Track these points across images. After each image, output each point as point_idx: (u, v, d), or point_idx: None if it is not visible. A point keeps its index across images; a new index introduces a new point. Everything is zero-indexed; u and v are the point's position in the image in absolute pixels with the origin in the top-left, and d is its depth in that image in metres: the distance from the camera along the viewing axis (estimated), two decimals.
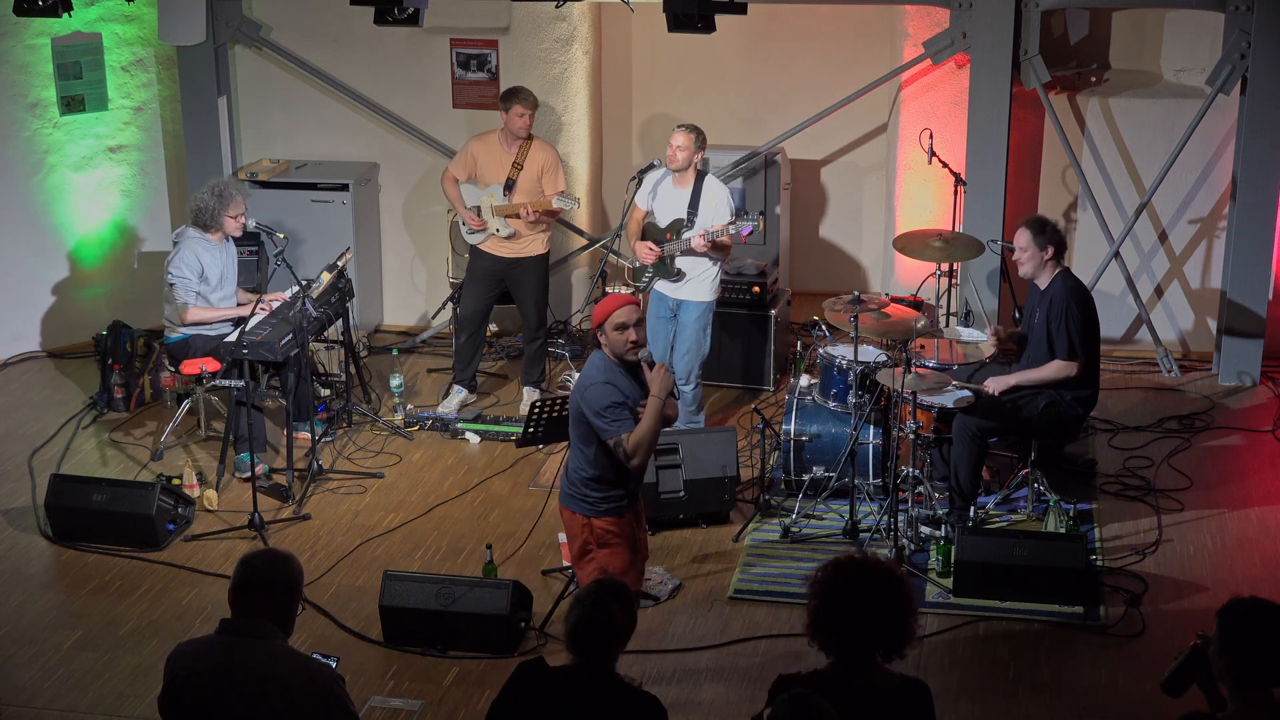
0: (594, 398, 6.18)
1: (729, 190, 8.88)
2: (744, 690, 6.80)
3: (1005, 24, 9.57)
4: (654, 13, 8.67)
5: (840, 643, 4.46)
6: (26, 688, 6.89)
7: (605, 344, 6.27)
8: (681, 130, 8.67)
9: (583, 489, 6.35)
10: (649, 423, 6.21)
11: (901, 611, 4.46)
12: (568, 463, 6.43)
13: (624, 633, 4.71)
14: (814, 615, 4.51)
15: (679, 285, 8.77)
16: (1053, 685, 6.83)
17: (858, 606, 4.43)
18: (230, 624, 4.74)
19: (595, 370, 6.26)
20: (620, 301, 6.24)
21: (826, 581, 4.50)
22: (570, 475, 6.40)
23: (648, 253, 8.75)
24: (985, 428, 7.92)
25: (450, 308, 10.17)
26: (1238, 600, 4.36)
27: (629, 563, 6.41)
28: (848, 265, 11.45)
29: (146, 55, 10.61)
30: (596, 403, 6.17)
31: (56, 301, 10.63)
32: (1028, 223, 8.04)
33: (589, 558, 6.40)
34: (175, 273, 8.84)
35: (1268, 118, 9.49)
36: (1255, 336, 9.82)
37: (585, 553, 6.42)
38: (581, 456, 6.32)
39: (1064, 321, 7.84)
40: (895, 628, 4.45)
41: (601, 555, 6.36)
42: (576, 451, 6.35)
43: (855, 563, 4.52)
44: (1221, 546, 7.97)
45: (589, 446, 6.28)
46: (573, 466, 6.38)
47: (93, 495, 8.10)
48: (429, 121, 10.66)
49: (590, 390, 6.20)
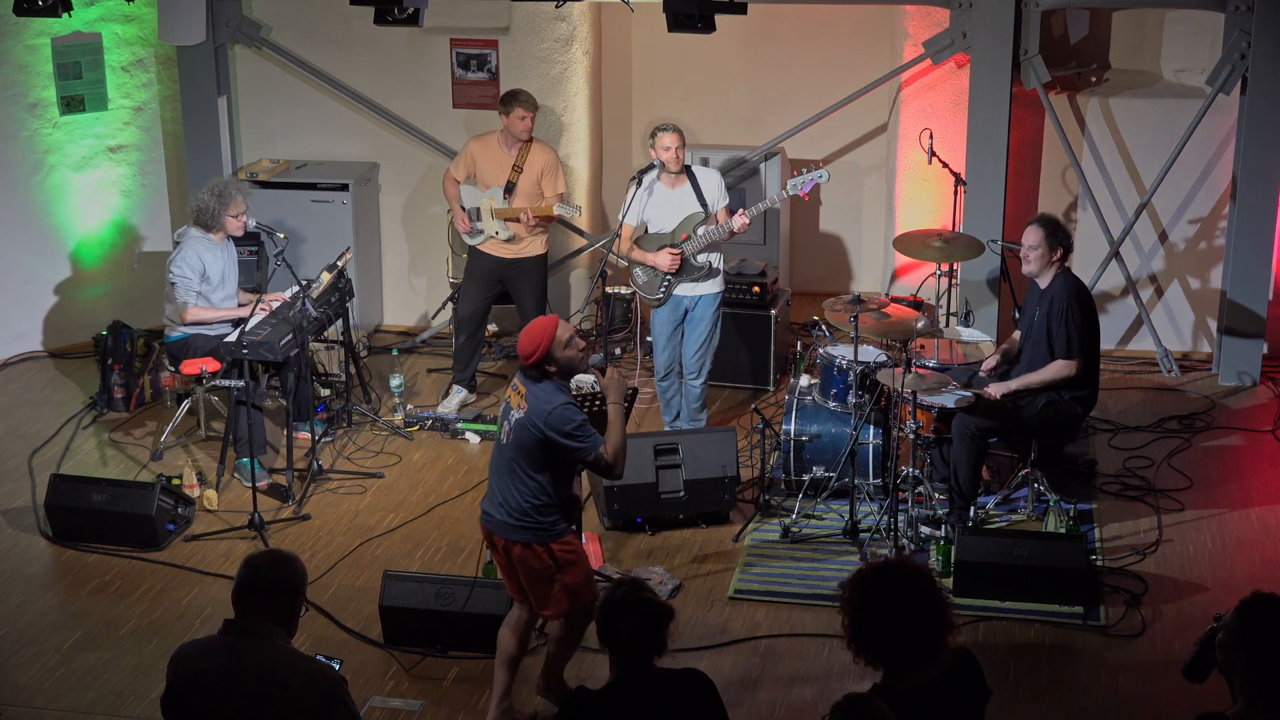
0: (561, 419, 6.04)
1: (718, 172, 8.88)
2: (744, 690, 6.80)
3: (1005, 24, 9.56)
4: (654, 13, 8.67)
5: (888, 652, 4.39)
6: (26, 688, 6.89)
7: (556, 368, 6.12)
8: (669, 131, 8.57)
9: (536, 518, 6.18)
10: (619, 429, 6.18)
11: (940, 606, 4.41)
12: (504, 500, 6.21)
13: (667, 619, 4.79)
14: (854, 630, 4.41)
15: (699, 283, 8.73)
16: (1053, 685, 6.83)
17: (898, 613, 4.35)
18: (232, 625, 4.75)
19: (549, 394, 6.09)
20: (551, 322, 6.14)
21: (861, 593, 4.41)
22: (516, 509, 6.18)
23: (671, 260, 8.63)
24: (985, 427, 7.92)
25: (450, 308, 10.17)
26: (1261, 596, 4.23)
27: (588, 574, 6.39)
28: (848, 265, 11.46)
29: (146, 55, 10.61)
30: (567, 424, 6.05)
31: (56, 301, 10.63)
32: (1041, 221, 8.01)
33: (551, 584, 6.25)
34: (176, 272, 8.84)
35: (1268, 118, 9.49)
36: (1255, 336, 9.82)
37: (544, 579, 6.24)
38: (529, 487, 6.14)
39: (1065, 320, 7.84)
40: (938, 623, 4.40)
41: (565, 577, 6.26)
42: (521, 483, 6.15)
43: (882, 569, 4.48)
44: (1221, 546, 7.97)
45: (541, 474, 6.13)
46: (517, 499, 6.17)
47: (93, 495, 8.10)
48: (429, 121, 10.66)
49: (555, 413, 6.04)
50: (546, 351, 6.09)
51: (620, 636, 4.78)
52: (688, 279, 8.70)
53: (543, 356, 6.10)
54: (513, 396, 6.22)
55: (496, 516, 6.25)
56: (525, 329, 6.19)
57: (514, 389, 6.23)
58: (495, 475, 6.29)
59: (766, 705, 6.67)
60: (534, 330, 6.14)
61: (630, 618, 4.76)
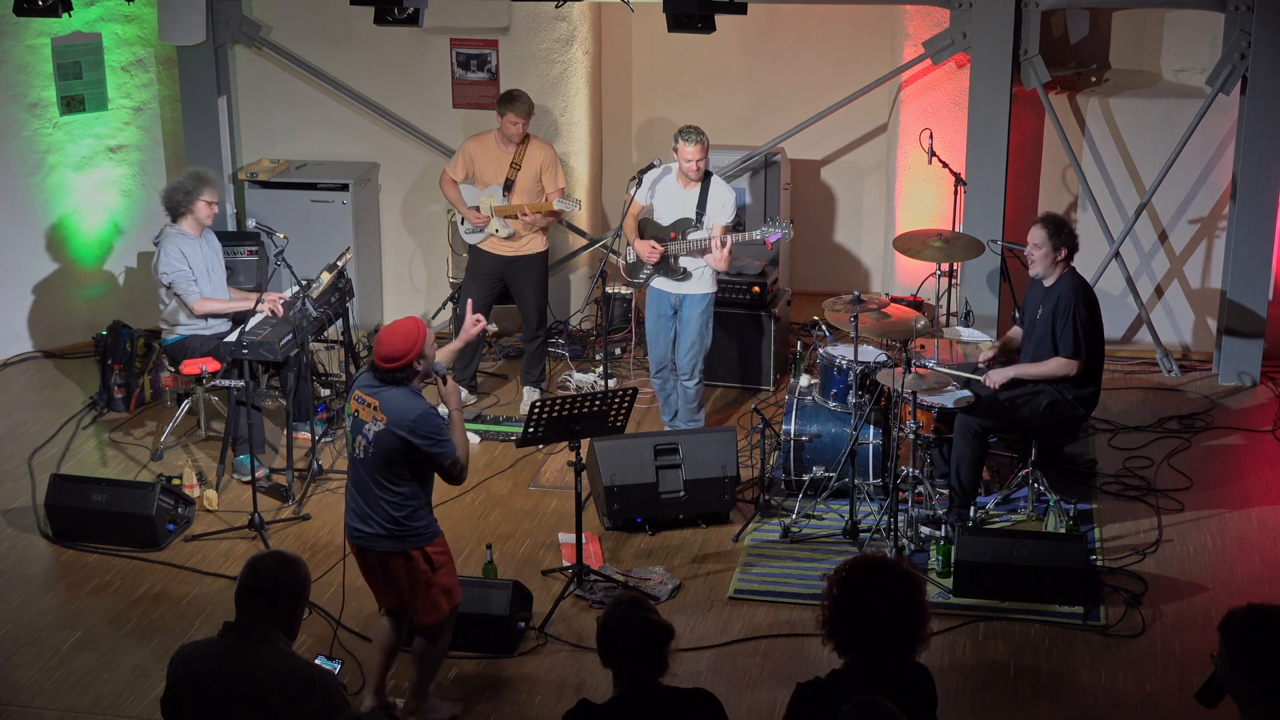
0: (429, 427, 6.03)
1: (735, 192, 8.86)
2: (744, 690, 6.80)
3: (1005, 24, 9.57)
4: (654, 13, 8.67)
5: (858, 642, 4.45)
6: (26, 688, 6.89)
7: (423, 368, 6.09)
8: (693, 142, 8.47)
9: (409, 524, 6.17)
10: (463, 436, 6.20)
11: (919, 612, 4.46)
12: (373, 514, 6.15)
13: (667, 639, 4.73)
14: (832, 614, 4.48)
15: (681, 282, 8.76)
16: (1053, 685, 6.82)
17: (877, 606, 4.41)
18: (233, 627, 4.75)
19: (410, 400, 6.06)
20: (418, 323, 6.11)
21: (846, 581, 4.48)
22: (388, 520, 6.14)
23: (651, 251, 8.72)
24: (985, 427, 7.92)
25: (450, 308, 10.17)
26: (1235, 612, 4.27)
27: (455, 574, 6.43)
28: (848, 265, 11.46)
29: (146, 55, 10.61)
30: (434, 430, 6.04)
31: (56, 301, 10.64)
32: (1045, 221, 8.01)
33: (430, 587, 6.25)
34: (167, 270, 8.82)
35: (1268, 118, 9.49)
36: (1255, 336, 9.82)
37: (424, 584, 6.24)
38: (400, 494, 6.12)
39: (1070, 320, 7.83)
40: (913, 628, 4.45)
41: (439, 577, 6.28)
42: (390, 493, 6.11)
43: (874, 562, 4.52)
44: (1221, 546, 7.97)
45: (408, 483, 6.12)
46: (387, 510, 6.13)
47: (93, 495, 8.10)
48: (429, 121, 10.66)
49: (422, 420, 6.02)
50: (421, 351, 6.06)
51: (619, 656, 4.71)
52: (667, 276, 8.75)
53: (416, 356, 6.05)
54: (362, 410, 6.12)
55: (367, 530, 6.20)
56: (391, 331, 6.10)
57: (360, 402, 6.12)
58: (357, 490, 6.21)
59: (766, 705, 6.67)
60: (404, 331, 6.08)
61: (629, 638, 4.69)
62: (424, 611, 6.31)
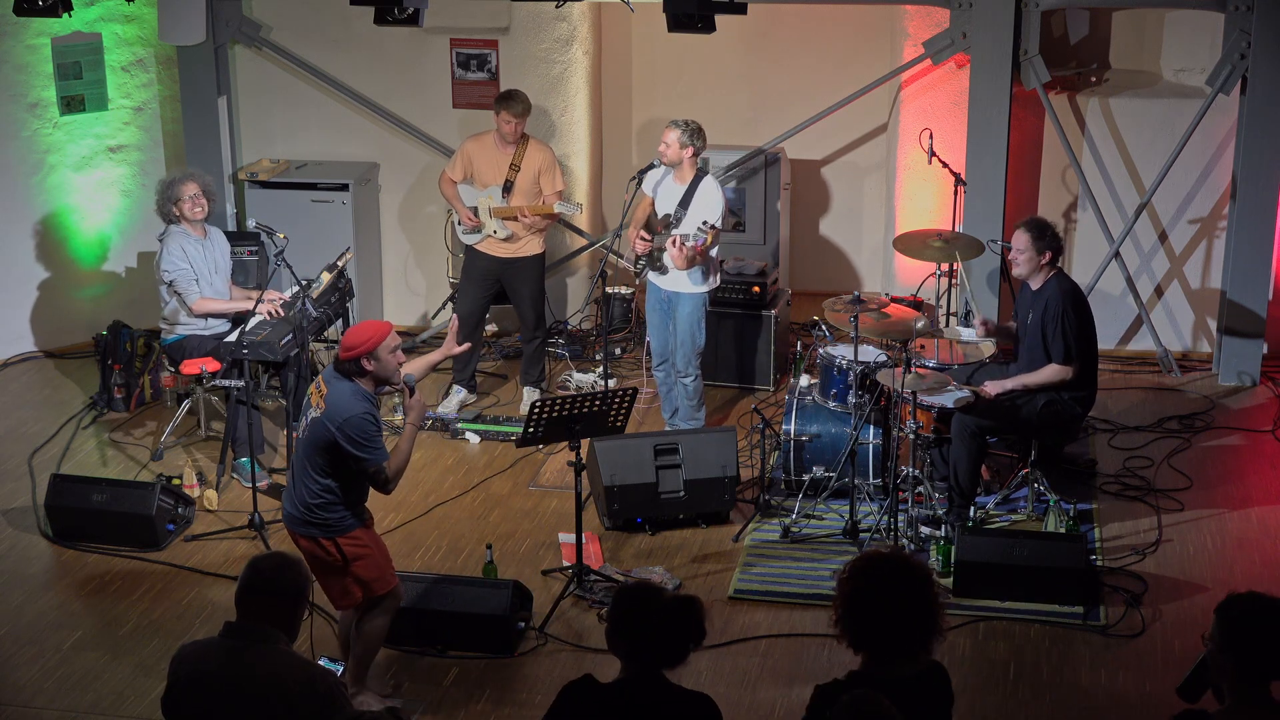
0: (358, 430, 6.07)
1: (724, 194, 8.81)
2: (744, 690, 6.80)
3: (1005, 24, 9.57)
4: (654, 13, 8.67)
5: (872, 637, 4.45)
6: (26, 688, 6.90)
7: (373, 369, 6.13)
8: (669, 126, 8.60)
9: (321, 514, 6.22)
10: (407, 451, 6.21)
11: (931, 602, 4.45)
12: (296, 495, 6.24)
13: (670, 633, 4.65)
14: (844, 610, 4.48)
15: (665, 278, 8.75)
16: (1053, 685, 6.83)
17: (887, 598, 4.41)
18: (234, 627, 4.75)
19: (351, 400, 6.10)
20: (385, 326, 6.18)
21: (855, 576, 4.48)
22: (300, 504, 6.22)
23: (640, 243, 8.71)
24: (984, 426, 7.92)
25: (450, 308, 10.16)
26: (1235, 597, 4.34)
27: (383, 569, 6.43)
28: (848, 265, 11.46)
29: (146, 55, 10.61)
30: (361, 435, 6.08)
31: (56, 301, 10.63)
32: (1028, 225, 8.01)
33: (342, 576, 6.30)
34: (169, 269, 8.82)
35: (1268, 118, 9.49)
36: (1255, 336, 9.82)
37: (332, 572, 6.29)
38: (318, 484, 6.18)
39: (1060, 325, 7.83)
40: (925, 619, 4.44)
41: (356, 569, 6.30)
42: (312, 480, 6.19)
43: (882, 556, 4.52)
44: (1221, 546, 7.97)
45: (328, 477, 6.16)
46: (304, 495, 6.21)
47: (93, 495, 8.10)
48: (429, 121, 10.66)
49: (352, 422, 6.06)
50: (373, 349, 6.10)
51: (639, 636, 4.60)
52: (652, 270, 8.74)
53: (367, 352, 6.10)
54: (314, 394, 6.24)
55: (288, 509, 6.33)
56: (358, 326, 6.22)
57: (316, 387, 6.25)
58: (292, 469, 6.35)
59: (766, 705, 6.67)
60: (366, 327, 6.17)
61: (658, 618, 4.60)
62: (336, 597, 6.40)
